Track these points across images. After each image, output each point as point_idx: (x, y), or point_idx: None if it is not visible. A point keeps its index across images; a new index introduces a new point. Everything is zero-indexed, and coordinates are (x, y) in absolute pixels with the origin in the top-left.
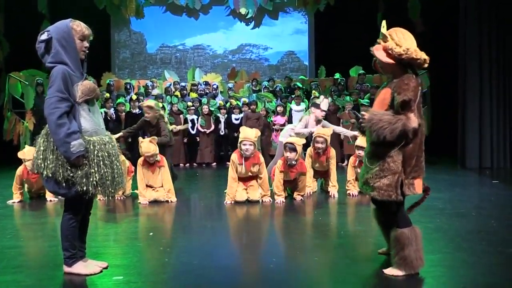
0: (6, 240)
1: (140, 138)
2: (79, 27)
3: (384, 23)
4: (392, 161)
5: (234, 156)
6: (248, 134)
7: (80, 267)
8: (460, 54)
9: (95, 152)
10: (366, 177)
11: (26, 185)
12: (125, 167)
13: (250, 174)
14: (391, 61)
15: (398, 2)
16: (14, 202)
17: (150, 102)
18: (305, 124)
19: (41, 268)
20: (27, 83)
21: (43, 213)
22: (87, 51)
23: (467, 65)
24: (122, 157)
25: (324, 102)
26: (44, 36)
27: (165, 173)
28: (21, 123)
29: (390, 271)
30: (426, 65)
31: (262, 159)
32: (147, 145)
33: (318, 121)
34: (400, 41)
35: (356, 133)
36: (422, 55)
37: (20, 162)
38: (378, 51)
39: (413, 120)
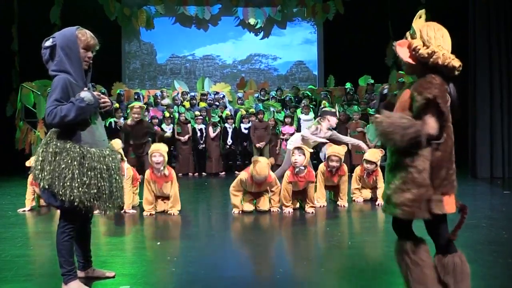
0: (16, 248)
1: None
2: (84, 36)
3: (421, 13)
4: (416, 172)
5: (245, 176)
6: (261, 170)
7: (74, 287)
8: (470, 62)
9: (93, 164)
10: (388, 193)
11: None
12: (129, 175)
13: (262, 190)
14: (412, 61)
15: (407, 10)
16: (24, 211)
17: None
18: (314, 131)
19: (50, 277)
20: (39, 93)
21: (53, 221)
22: (91, 61)
23: (477, 73)
24: (127, 165)
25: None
26: (48, 43)
27: (174, 186)
28: (33, 132)
29: None
30: (457, 73)
31: (273, 176)
32: (159, 144)
33: (328, 129)
34: (429, 40)
35: (360, 142)
36: (452, 61)
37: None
38: (401, 48)
39: (431, 126)
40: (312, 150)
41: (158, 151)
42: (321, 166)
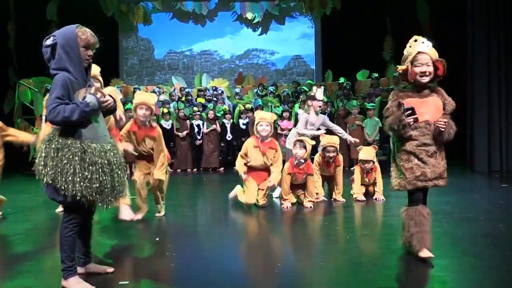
0: (16, 245)
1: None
2: (85, 34)
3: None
4: (444, 156)
5: (250, 141)
6: (265, 115)
7: (73, 283)
8: (469, 56)
9: (95, 159)
10: (439, 172)
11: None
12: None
13: (265, 161)
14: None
15: (405, 6)
16: None
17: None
18: (305, 122)
19: (50, 273)
20: (36, 90)
21: (52, 218)
22: (91, 60)
23: (476, 67)
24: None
25: (318, 92)
26: (49, 41)
27: (161, 146)
28: (31, 129)
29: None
30: None
31: (279, 146)
32: (147, 96)
33: (316, 113)
34: None
35: (348, 136)
36: None
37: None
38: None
39: None
40: (313, 143)
41: (145, 103)
42: (317, 157)
